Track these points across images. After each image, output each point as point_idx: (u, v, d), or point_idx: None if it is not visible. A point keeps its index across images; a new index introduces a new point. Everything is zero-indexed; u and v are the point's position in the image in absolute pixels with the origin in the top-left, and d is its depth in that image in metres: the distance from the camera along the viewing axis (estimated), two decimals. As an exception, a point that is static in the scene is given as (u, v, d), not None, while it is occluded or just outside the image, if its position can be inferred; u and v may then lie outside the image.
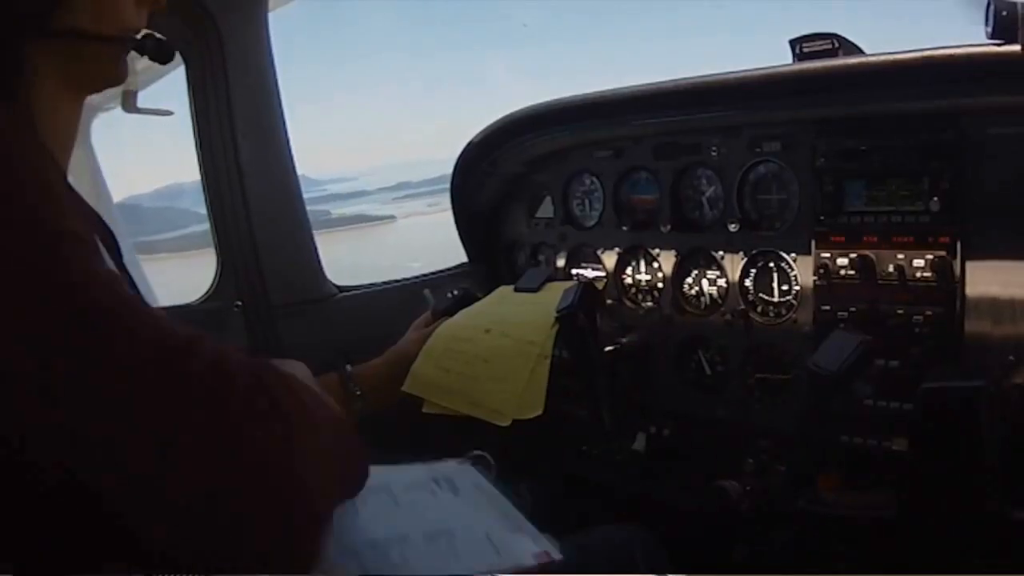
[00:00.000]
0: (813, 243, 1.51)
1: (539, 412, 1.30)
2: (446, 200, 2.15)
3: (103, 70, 0.88)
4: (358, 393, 1.40)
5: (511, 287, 1.62)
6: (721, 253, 1.69)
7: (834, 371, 1.26)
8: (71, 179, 0.84)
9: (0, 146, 0.68)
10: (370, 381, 1.42)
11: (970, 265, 1.35)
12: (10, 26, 0.78)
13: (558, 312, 1.40)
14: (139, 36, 0.90)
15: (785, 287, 1.60)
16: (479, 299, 1.61)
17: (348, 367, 1.43)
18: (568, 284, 1.51)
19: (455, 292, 1.62)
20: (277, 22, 1.77)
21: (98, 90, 0.92)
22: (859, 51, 1.49)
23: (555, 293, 1.49)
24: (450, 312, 1.55)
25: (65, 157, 0.88)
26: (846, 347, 1.29)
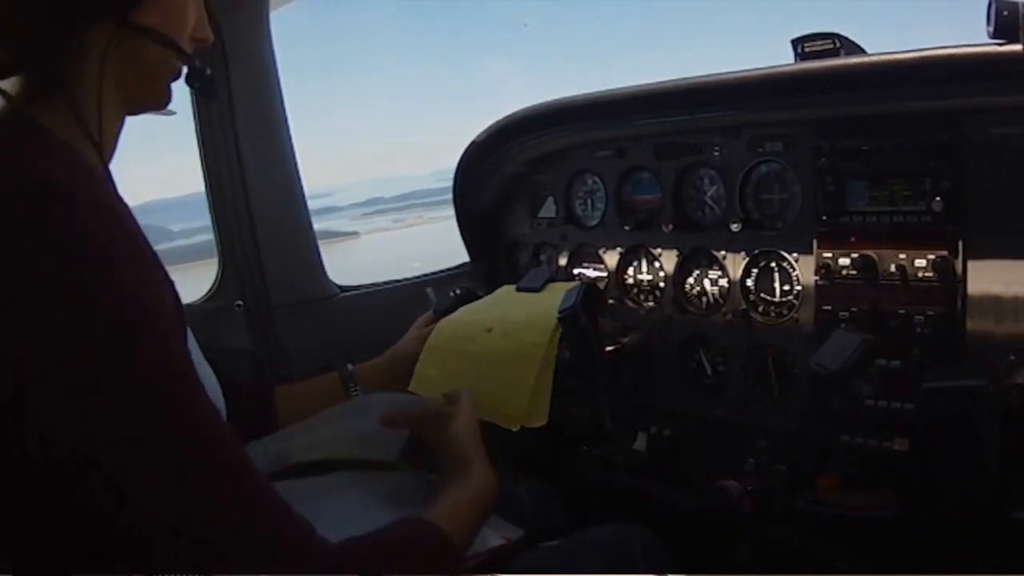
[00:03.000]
0: (815, 243, 1.51)
1: (544, 422, 1.30)
2: (411, 216, 2.17)
3: (155, 85, 0.89)
4: (357, 393, 1.40)
5: (513, 287, 1.62)
6: (723, 253, 1.69)
7: (835, 370, 1.26)
8: None
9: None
10: (371, 381, 1.42)
11: (972, 265, 1.34)
12: (87, 9, 0.79)
13: (560, 313, 1.40)
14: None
15: (787, 287, 1.60)
16: (481, 298, 1.61)
17: (349, 366, 1.43)
18: (570, 285, 1.51)
19: (457, 291, 1.62)
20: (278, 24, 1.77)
21: (140, 110, 0.92)
22: (861, 51, 1.49)
23: (557, 293, 1.48)
24: (451, 312, 1.55)
25: (108, 159, 0.89)
26: (848, 346, 1.29)
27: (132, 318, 0.68)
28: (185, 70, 0.92)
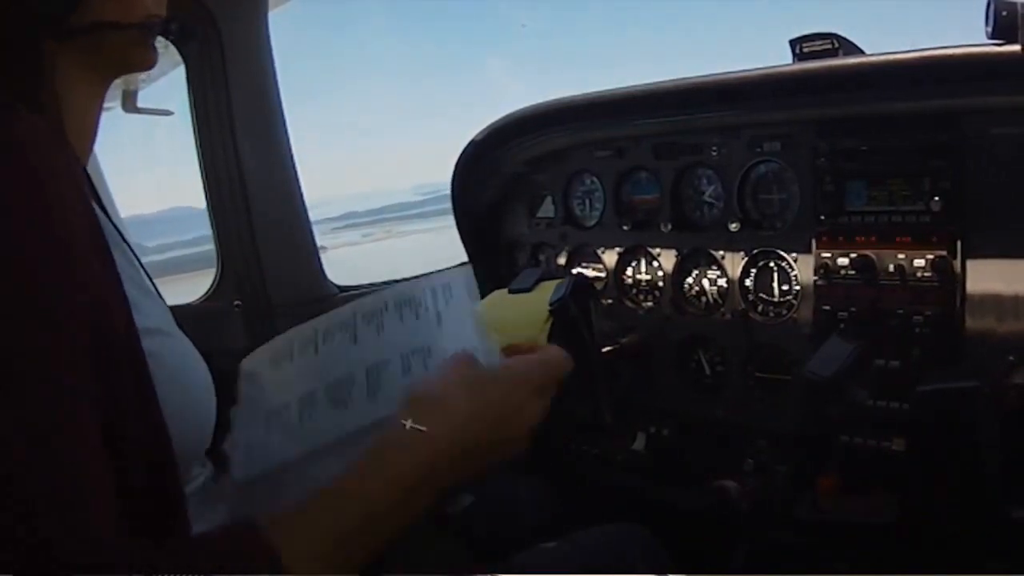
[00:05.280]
0: (814, 243, 1.51)
1: None
2: (380, 231, 2.16)
3: (127, 58, 0.86)
4: None
5: (504, 290, 1.62)
6: (721, 253, 1.69)
7: (828, 377, 1.26)
8: None
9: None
10: None
11: (971, 264, 1.35)
12: (27, 32, 0.75)
13: (550, 305, 1.40)
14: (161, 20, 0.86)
15: (785, 287, 1.60)
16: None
17: None
18: (561, 280, 1.51)
19: None
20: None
21: (123, 75, 0.90)
22: (859, 51, 1.49)
23: (549, 290, 1.48)
24: None
25: (88, 150, 0.86)
26: (841, 353, 1.29)
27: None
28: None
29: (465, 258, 2.17)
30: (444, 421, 0.72)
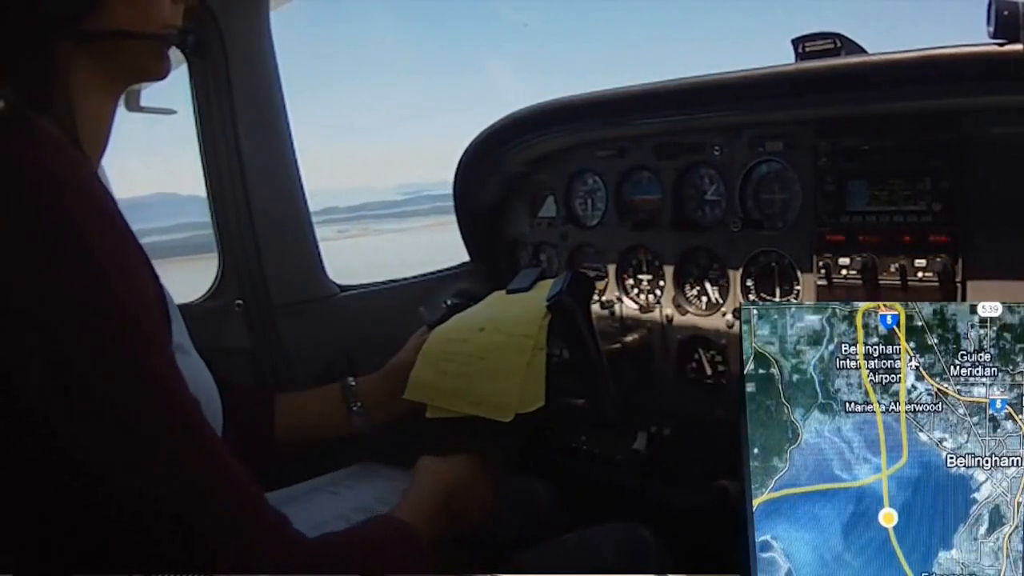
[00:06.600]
0: (815, 243, 1.51)
1: (540, 404, 1.28)
2: (355, 228, 2.16)
3: (142, 66, 0.87)
4: (357, 407, 1.38)
5: (503, 291, 1.62)
6: (723, 253, 1.69)
7: None
8: None
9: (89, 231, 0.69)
10: (370, 394, 1.41)
11: (972, 265, 1.34)
12: (41, 32, 0.76)
13: (547, 300, 1.39)
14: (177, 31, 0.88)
15: (787, 287, 1.60)
16: (479, 299, 1.61)
17: (351, 380, 1.41)
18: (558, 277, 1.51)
19: (448, 303, 1.62)
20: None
21: (137, 82, 0.92)
22: (861, 51, 1.49)
23: (546, 290, 1.48)
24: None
25: (99, 155, 0.87)
26: None
27: (109, 307, 0.68)
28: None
29: (438, 258, 2.17)
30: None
